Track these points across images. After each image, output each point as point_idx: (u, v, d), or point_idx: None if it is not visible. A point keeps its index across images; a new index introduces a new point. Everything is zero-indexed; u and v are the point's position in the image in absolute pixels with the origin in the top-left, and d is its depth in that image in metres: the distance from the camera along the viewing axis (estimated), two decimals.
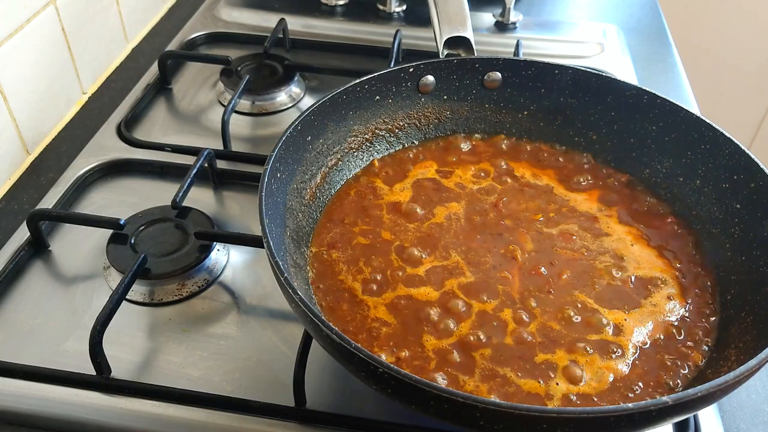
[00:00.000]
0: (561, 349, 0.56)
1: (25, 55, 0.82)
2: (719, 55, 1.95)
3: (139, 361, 0.61)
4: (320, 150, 0.70)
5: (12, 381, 0.58)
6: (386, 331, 0.57)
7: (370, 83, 0.72)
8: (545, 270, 0.63)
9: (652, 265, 0.64)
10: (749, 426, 0.60)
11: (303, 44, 1.08)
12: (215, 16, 1.13)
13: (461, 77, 0.77)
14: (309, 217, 0.67)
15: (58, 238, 0.73)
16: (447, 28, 0.80)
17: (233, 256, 0.72)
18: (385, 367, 0.44)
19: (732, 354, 0.54)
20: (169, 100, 0.95)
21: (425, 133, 0.78)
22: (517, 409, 0.42)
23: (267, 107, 0.93)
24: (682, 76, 1.08)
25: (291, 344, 0.62)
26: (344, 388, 0.60)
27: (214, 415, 0.57)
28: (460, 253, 0.64)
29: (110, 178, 0.81)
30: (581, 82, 0.75)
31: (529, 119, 0.78)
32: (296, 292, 0.48)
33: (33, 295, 0.67)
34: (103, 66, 1.01)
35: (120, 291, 0.61)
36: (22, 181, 0.81)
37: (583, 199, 0.71)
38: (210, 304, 0.67)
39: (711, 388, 0.44)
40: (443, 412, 0.44)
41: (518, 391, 0.53)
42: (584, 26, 1.16)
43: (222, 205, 0.79)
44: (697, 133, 0.68)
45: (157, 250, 0.69)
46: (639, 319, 0.59)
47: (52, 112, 0.89)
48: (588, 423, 0.42)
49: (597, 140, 0.76)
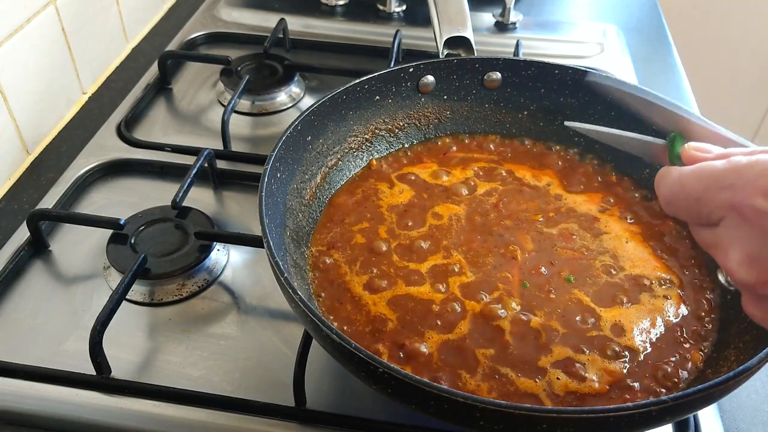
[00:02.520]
0: (561, 349, 0.56)
1: (25, 55, 0.82)
2: (719, 55, 1.95)
3: (139, 361, 0.61)
4: (320, 150, 0.70)
5: (12, 381, 0.58)
6: (386, 331, 0.57)
7: (370, 83, 0.72)
8: (545, 270, 0.63)
9: (651, 265, 0.64)
10: (749, 426, 0.60)
11: (303, 44, 1.08)
12: (215, 16, 1.13)
13: (461, 77, 0.77)
14: (309, 217, 0.67)
15: (58, 238, 0.73)
16: (447, 28, 0.80)
17: (233, 256, 0.72)
18: (385, 367, 0.44)
19: (732, 354, 0.54)
20: (169, 100, 0.95)
21: (425, 133, 0.78)
22: (517, 409, 0.42)
23: (267, 107, 0.93)
24: (682, 76, 1.08)
25: (291, 344, 0.62)
26: (344, 388, 0.60)
27: (214, 415, 0.57)
28: (460, 252, 0.64)
29: (110, 178, 0.81)
30: (581, 82, 0.75)
31: (529, 119, 0.78)
32: (296, 292, 0.48)
33: (33, 295, 0.67)
34: (103, 66, 1.01)
35: (120, 291, 0.61)
36: (22, 181, 0.81)
37: (582, 199, 0.71)
38: (210, 304, 0.67)
39: (711, 388, 0.44)
40: (443, 412, 0.44)
41: (518, 390, 0.53)
42: (584, 26, 1.16)
43: (222, 205, 0.79)
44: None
45: (157, 250, 0.69)
46: (639, 319, 0.59)
47: (52, 112, 0.89)
48: (588, 423, 0.42)
49: (597, 140, 0.75)
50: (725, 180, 0.38)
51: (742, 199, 0.37)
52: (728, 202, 0.38)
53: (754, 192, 0.36)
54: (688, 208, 0.42)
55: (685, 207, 0.43)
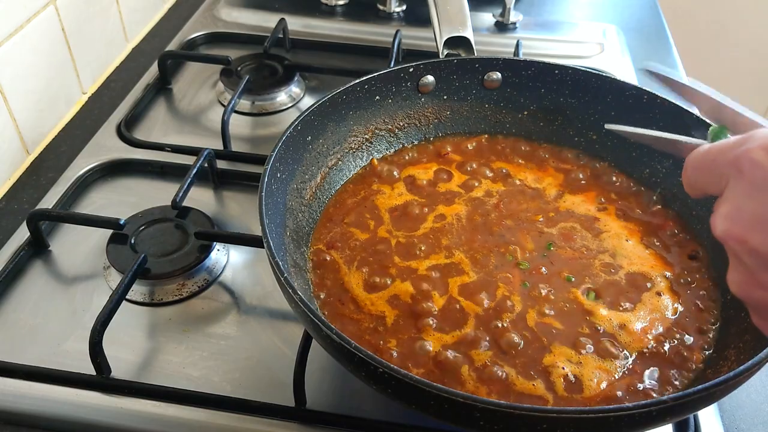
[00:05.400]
0: (561, 349, 0.56)
1: (25, 55, 0.82)
2: (719, 55, 1.95)
3: (139, 361, 0.61)
4: (320, 150, 0.70)
5: (12, 381, 0.58)
6: (386, 330, 0.57)
7: (370, 83, 0.72)
8: (545, 270, 0.63)
9: (652, 265, 0.64)
10: (749, 426, 0.60)
11: (303, 44, 1.08)
12: (215, 16, 1.13)
13: (461, 77, 0.77)
14: (309, 217, 0.67)
15: (58, 238, 0.73)
16: (447, 28, 0.80)
17: (233, 256, 0.72)
18: (385, 367, 0.44)
19: (732, 354, 0.54)
20: (169, 100, 0.95)
21: (425, 133, 0.78)
22: (517, 409, 0.42)
23: (267, 107, 0.93)
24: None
25: (291, 344, 0.62)
26: (344, 388, 0.60)
27: (214, 415, 0.57)
28: (461, 252, 0.64)
29: (110, 178, 0.81)
30: (581, 82, 0.75)
31: (529, 119, 0.78)
32: (296, 292, 0.48)
33: (33, 295, 0.67)
34: (103, 66, 1.01)
35: (120, 291, 0.61)
36: (22, 181, 0.81)
37: (582, 199, 0.71)
38: (210, 304, 0.67)
39: (711, 388, 0.44)
40: (443, 412, 0.44)
41: (518, 390, 0.53)
42: (584, 26, 1.16)
43: (222, 205, 0.79)
44: (698, 133, 0.68)
45: (157, 250, 0.69)
46: (639, 319, 0.59)
47: (52, 112, 0.89)
48: (588, 423, 0.42)
49: (597, 140, 0.76)
50: (738, 141, 0.38)
51: (743, 152, 0.37)
52: (733, 158, 0.38)
53: (756, 146, 0.36)
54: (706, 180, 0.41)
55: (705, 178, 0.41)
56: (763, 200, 0.35)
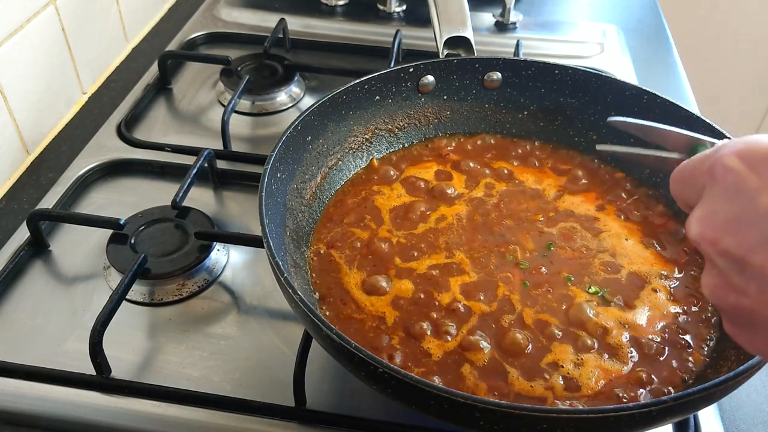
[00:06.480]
0: (561, 349, 0.56)
1: (25, 55, 0.82)
2: (719, 55, 1.95)
3: (139, 361, 0.61)
4: (320, 150, 0.70)
5: (12, 381, 0.58)
6: (387, 330, 0.57)
7: (370, 83, 0.72)
8: (545, 269, 0.63)
9: (652, 264, 0.64)
10: (749, 426, 0.60)
11: (303, 44, 1.08)
12: (215, 16, 1.13)
13: (461, 77, 0.77)
14: (309, 217, 0.67)
15: (58, 238, 0.73)
16: (447, 28, 0.80)
17: (233, 256, 0.72)
18: (385, 367, 0.44)
19: (732, 354, 0.54)
20: (169, 100, 0.95)
21: (425, 133, 0.78)
22: (517, 409, 0.42)
23: (267, 107, 0.93)
24: (682, 76, 1.08)
25: (291, 344, 0.62)
26: (344, 388, 0.60)
27: (214, 415, 0.57)
28: (461, 252, 0.64)
29: (110, 178, 0.81)
30: (581, 82, 0.75)
31: (529, 119, 0.78)
32: (296, 292, 0.48)
33: (33, 295, 0.67)
34: (103, 66, 1.01)
35: (120, 291, 0.61)
36: (22, 181, 0.81)
37: (582, 198, 0.71)
38: (210, 304, 0.67)
39: (711, 388, 0.44)
40: (443, 412, 0.44)
41: (518, 390, 0.53)
42: (584, 26, 1.16)
43: (222, 205, 0.79)
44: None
45: (157, 250, 0.69)
46: (639, 319, 0.59)
47: (52, 112, 0.89)
48: (588, 423, 0.42)
49: (597, 140, 0.76)
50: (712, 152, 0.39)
51: (716, 159, 0.38)
52: (708, 166, 0.38)
53: (728, 152, 0.37)
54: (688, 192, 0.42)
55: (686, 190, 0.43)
56: (735, 203, 0.36)
